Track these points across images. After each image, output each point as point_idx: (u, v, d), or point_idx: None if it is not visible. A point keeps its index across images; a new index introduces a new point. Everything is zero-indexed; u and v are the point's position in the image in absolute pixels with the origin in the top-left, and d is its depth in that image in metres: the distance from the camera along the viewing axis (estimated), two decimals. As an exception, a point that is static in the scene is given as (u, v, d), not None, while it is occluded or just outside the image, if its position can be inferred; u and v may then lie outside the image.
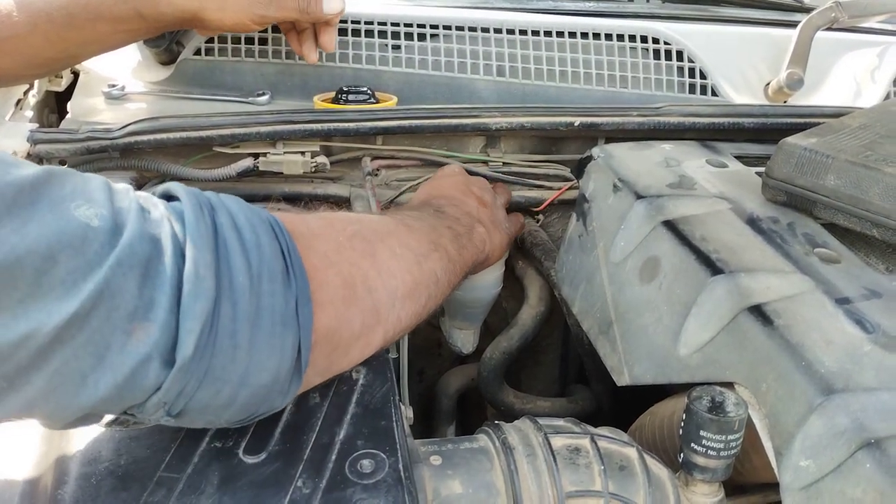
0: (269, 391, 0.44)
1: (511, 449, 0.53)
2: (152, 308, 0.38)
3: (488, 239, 0.73)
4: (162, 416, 0.42)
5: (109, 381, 0.38)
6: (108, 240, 0.37)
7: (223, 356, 0.41)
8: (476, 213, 0.74)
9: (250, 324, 0.42)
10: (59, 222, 0.36)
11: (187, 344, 0.39)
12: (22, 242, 0.35)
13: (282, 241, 0.46)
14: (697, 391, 0.51)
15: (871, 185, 0.62)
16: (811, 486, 0.46)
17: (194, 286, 0.39)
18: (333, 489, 0.45)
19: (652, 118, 0.87)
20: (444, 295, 0.63)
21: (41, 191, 0.37)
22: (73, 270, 0.36)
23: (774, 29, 1.12)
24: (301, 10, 0.87)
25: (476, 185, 0.79)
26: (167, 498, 0.44)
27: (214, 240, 0.42)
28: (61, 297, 0.36)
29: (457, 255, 0.65)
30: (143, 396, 0.40)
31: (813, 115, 0.88)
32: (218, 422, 0.45)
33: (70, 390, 0.38)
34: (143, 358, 0.38)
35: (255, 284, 0.42)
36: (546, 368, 1.06)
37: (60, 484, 0.45)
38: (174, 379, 0.39)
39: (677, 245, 0.63)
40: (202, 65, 1.01)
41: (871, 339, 0.51)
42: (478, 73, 1.01)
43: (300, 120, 0.82)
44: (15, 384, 0.37)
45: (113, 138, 0.79)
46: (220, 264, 0.41)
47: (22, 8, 0.77)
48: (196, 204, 0.43)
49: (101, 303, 0.37)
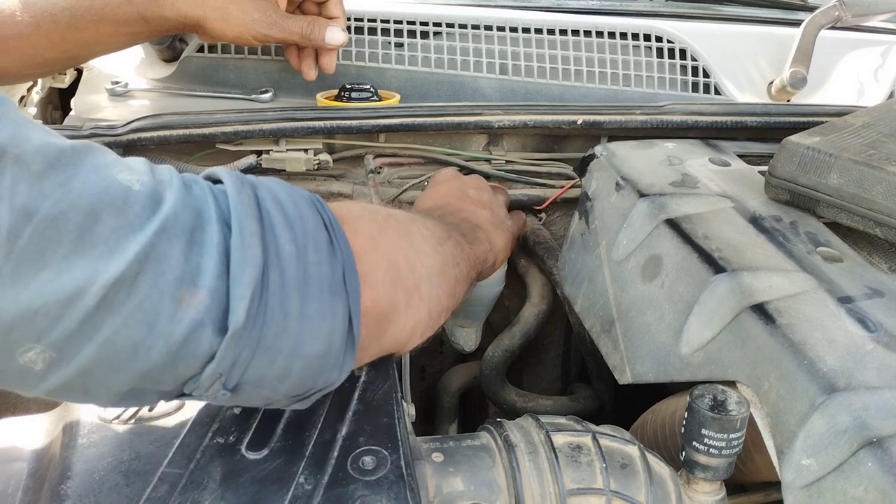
0: (322, 362, 0.44)
1: (513, 446, 0.53)
2: (199, 274, 0.39)
3: (491, 241, 0.72)
4: (219, 389, 0.41)
5: (162, 348, 0.38)
6: (149, 204, 0.38)
7: (274, 324, 0.41)
8: (475, 218, 0.73)
9: (299, 291, 0.42)
10: (102, 182, 0.37)
11: (239, 311, 0.39)
12: (66, 197, 0.35)
13: (324, 215, 0.46)
14: (699, 389, 0.51)
15: (873, 183, 0.62)
16: (813, 484, 0.46)
17: (242, 253, 0.40)
18: (335, 486, 0.45)
19: (655, 116, 0.87)
20: (465, 282, 0.63)
21: (83, 155, 0.38)
22: (115, 229, 0.36)
23: (778, 27, 1.12)
24: (303, 37, 0.87)
25: (472, 188, 0.78)
26: (170, 493, 0.44)
27: (258, 211, 0.42)
28: (105, 255, 0.36)
29: (469, 247, 0.65)
30: (198, 366, 0.40)
31: (816, 114, 0.88)
32: (275, 397, 0.45)
33: (121, 359, 0.38)
34: (194, 324, 0.38)
35: (301, 253, 0.43)
36: (548, 367, 1.06)
37: (63, 479, 0.46)
38: (228, 346, 0.39)
39: (680, 243, 0.63)
40: (205, 62, 1.01)
41: (873, 337, 0.51)
42: (481, 70, 1.01)
43: (303, 117, 0.82)
44: (65, 354, 0.37)
45: (116, 135, 0.79)
46: (265, 233, 0.42)
47: (26, 8, 0.77)
48: (238, 180, 0.44)
49: (147, 266, 0.37)
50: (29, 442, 0.50)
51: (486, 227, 0.73)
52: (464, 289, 0.63)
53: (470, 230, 0.69)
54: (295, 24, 0.87)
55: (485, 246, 0.70)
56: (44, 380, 0.38)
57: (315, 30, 0.87)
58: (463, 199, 0.76)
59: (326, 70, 0.93)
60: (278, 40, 0.88)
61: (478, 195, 0.77)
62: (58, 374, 0.38)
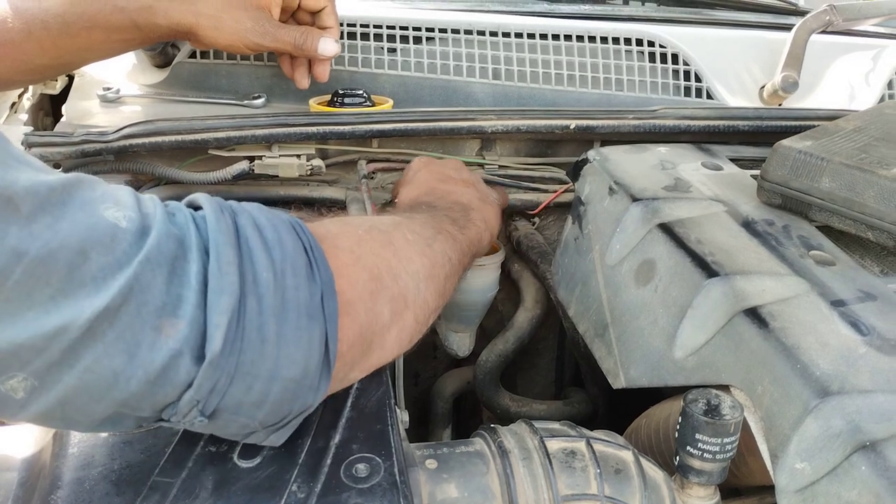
0: (299, 385, 0.45)
1: (507, 452, 0.53)
2: (180, 304, 0.39)
3: (485, 218, 0.73)
4: (196, 416, 0.42)
5: (141, 377, 0.39)
6: (136, 240, 0.39)
7: (252, 350, 0.42)
8: (463, 198, 0.73)
9: (276, 317, 0.43)
10: (90, 220, 0.38)
11: (216, 339, 0.40)
12: (55, 238, 0.36)
13: (303, 239, 0.47)
14: (693, 394, 0.51)
15: (865, 187, 0.62)
16: (807, 488, 0.46)
17: (219, 282, 0.40)
18: (328, 493, 0.45)
19: (647, 121, 0.87)
20: (457, 275, 0.64)
21: (72, 192, 0.38)
22: (103, 267, 0.37)
23: (769, 32, 1.12)
24: (296, 47, 0.88)
25: (451, 168, 0.79)
26: (161, 502, 0.44)
27: (236, 238, 0.43)
28: (92, 293, 0.37)
29: (460, 235, 0.66)
30: (176, 393, 0.40)
31: (808, 118, 0.88)
32: (252, 424, 0.45)
33: (101, 387, 0.38)
34: (173, 353, 0.39)
35: (279, 279, 0.43)
36: (542, 371, 1.06)
37: (54, 489, 0.45)
38: (205, 374, 0.40)
39: (673, 248, 0.63)
40: (197, 68, 1.01)
41: (866, 341, 0.51)
42: (473, 76, 1.01)
43: (296, 123, 0.82)
44: (46, 382, 0.37)
45: (108, 141, 0.79)
46: (242, 260, 0.42)
47: (17, 15, 0.77)
48: (217, 207, 0.44)
49: (130, 298, 0.38)
50: (19, 451, 0.50)
51: (477, 204, 0.73)
52: (455, 281, 0.64)
53: (462, 212, 0.70)
54: (288, 34, 0.87)
55: (478, 226, 0.70)
56: (24, 408, 0.38)
57: (308, 40, 0.87)
58: (446, 181, 0.76)
59: (319, 79, 0.93)
60: (271, 49, 0.88)
61: (459, 175, 0.78)
62: (38, 402, 0.38)
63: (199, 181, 0.82)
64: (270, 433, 0.47)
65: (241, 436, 0.47)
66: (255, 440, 0.47)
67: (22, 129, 0.87)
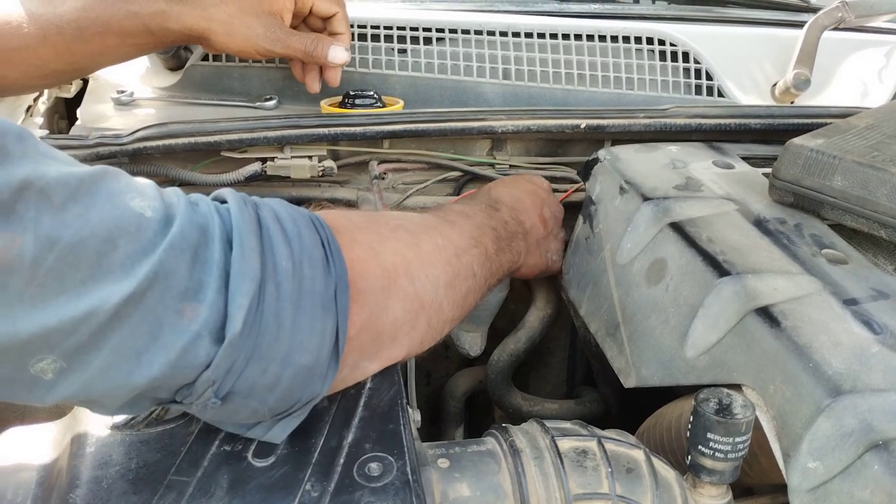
0: (310, 373, 0.46)
1: (518, 452, 0.53)
2: (201, 289, 0.41)
3: (525, 253, 0.74)
4: (210, 397, 0.43)
5: (163, 358, 0.40)
6: (160, 229, 0.40)
7: (269, 334, 0.43)
8: (528, 227, 0.74)
9: (293, 304, 0.44)
10: (117, 210, 0.39)
11: (236, 320, 0.41)
12: (86, 226, 0.38)
13: (321, 234, 0.48)
14: (704, 393, 0.51)
15: (878, 185, 0.62)
16: (819, 487, 0.46)
17: (241, 266, 0.42)
18: (342, 492, 0.45)
19: (658, 120, 0.87)
20: (481, 291, 0.65)
21: (100, 183, 0.40)
22: (130, 255, 0.39)
23: (781, 29, 1.12)
24: (306, 54, 0.88)
25: (549, 207, 0.80)
26: (177, 501, 0.44)
27: (259, 228, 0.45)
28: (120, 278, 0.38)
29: (495, 255, 0.67)
30: (194, 374, 0.42)
31: (820, 116, 0.88)
32: (262, 410, 0.46)
33: (125, 368, 0.40)
34: (194, 335, 0.40)
35: (297, 268, 0.45)
36: (553, 370, 1.06)
37: (72, 487, 0.46)
38: (224, 354, 0.41)
39: (684, 247, 0.63)
40: (210, 70, 1.01)
41: (878, 340, 0.51)
42: (484, 76, 1.02)
43: (307, 124, 0.83)
44: (74, 363, 0.39)
45: (122, 144, 0.79)
46: (264, 249, 0.44)
47: (32, 20, 0.78)
48: (241, 200, 0.46)
49: (155, 283, 0.39)
50: (37, 451, 0.50)
51: (533, 238, 0.75)
52: (477, 297, 0.64)
53: (513, 234, 0.71)
54: (298, 41, 0.87)
55: (515, 258, 0.72)
56: (51, 390, 0.39)
57: (318, 48, 0.88)
58: (535, 206, 0.77)
59: (331, 84, 0.94)
60: (281, 55, 0.89)
61: (549, 215, 0.79)
62: (65, 384, 0.39)
63: (211, 183, 0.83)
64: (276, 422, 0.48)
65: (249, 425, 0.48)
66: (260, 432, 0.48)
67: (38, 132, 0.88)
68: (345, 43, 0.91)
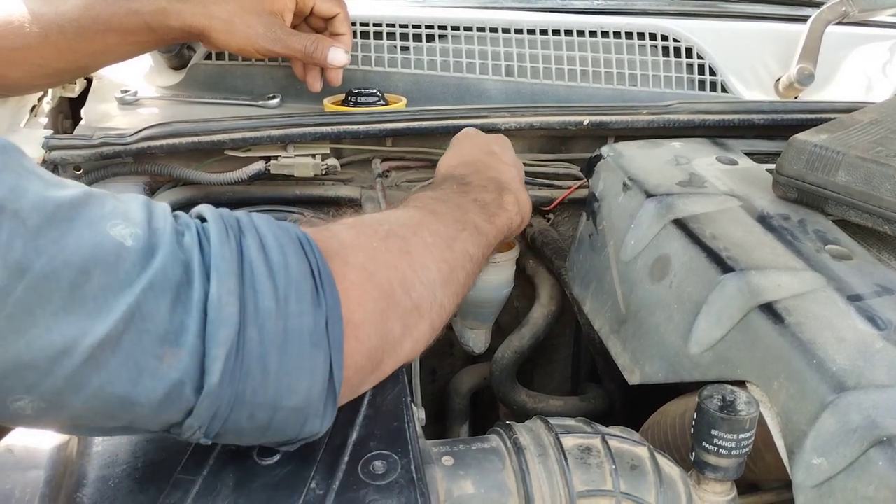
0: (302, 413, 0.44)
1: (522, 449, 0.53)
2: (182, 333, 0.38)
3: (519, 201, 0.70)
4: (199, 437, 0.42)
5: (145, 402, 0.38)
6: (140, 260, 0.38)
7: (252, 380, 0.41)
8: (503, 176, 0.70)
9: (278, 348, 0.42)
10: (96, 238, 0.37)
11: (213, 370, 0.39)
12: (60, 254, 0.35)
13: (311, 260, 0.45)
14: (708, 390, 0.51)
15: (882, 180, 0.62)
16: (823, 483, 0.46)
17: (218, 313, 0.39)
18: (346, 490, 0.46)
19: (661, 116, 0.87)
20: (480, 268, 0.63)
21: (79, 209, 0.37)
22: (105, 287, 0.36)
23: (784, 24, 1.11)
24: (306, 55, 0.88)
25: (497, 144, 0.76)
26: (183, 500, 0.45)
27: (239, 265, 0.42)
28: (93, 313, 0.36)
29: (487, 226, 0.64)
30: (179, 416, 0.40)
31: (824, 111, 0.88)
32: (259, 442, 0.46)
33: (108, 410, 0.38)
34: (174, 383, 0.38)
35: (281, 307, 0.42)
36: (558, 367, 1.06)
37: (79, 486, 0.46)
38: (204, 404, 0.40)
39: (688, 243, 0.63)
40: (213, 69, 1.01)
41: (883, 335, 0.51)
42: (486, 73, 1.02)
43: (310, 123, 0.83)
44: (54, 405, 0.37)
45: (126, 143, 0.80)
46: (244, 289, 0.41)
47: (34, 20, 0.78)
48: (222, 228, 0.43)
49: (132, 324, 0.37)
50: (45, 450, 0.51)
51: (515, 186, 0.71)
52: (476, 275, 0.62)
53: (495, 193, 0.67)
54: (298, 41, 0.87)
55: (509, 211, 0.68)
56: (36, 422, 0.39)
57: (318, 49, 0.88)
58: (491, 155, 0.73)
59: (332, 83, 0.93)
60: (281, 55, 0.89)
61: (502, 152, 0.75)
62: (48, 420, 0.38)
63: (215, 182, 0.83)
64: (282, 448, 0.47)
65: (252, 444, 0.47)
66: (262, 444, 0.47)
67: (42, 132, 0.88)
68: (346, 43, 0.91)
